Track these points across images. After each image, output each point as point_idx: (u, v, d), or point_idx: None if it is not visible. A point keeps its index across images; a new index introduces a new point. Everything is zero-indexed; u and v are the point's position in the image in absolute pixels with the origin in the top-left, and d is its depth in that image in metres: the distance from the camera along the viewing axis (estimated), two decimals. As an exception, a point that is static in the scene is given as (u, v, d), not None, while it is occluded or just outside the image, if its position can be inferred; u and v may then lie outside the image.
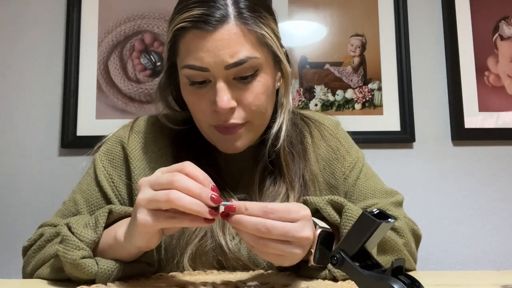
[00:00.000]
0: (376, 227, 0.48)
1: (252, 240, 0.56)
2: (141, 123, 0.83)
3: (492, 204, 1.55)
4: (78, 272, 0.60)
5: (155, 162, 0.79)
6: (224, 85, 0.69)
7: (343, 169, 0.83)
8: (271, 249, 0.55)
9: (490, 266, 1.52)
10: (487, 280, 0.71)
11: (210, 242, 0.71)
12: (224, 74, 0.68)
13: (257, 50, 0.70)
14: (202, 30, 0.67)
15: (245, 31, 0.69)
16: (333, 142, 0.85)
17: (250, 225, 0.54)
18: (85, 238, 0.61)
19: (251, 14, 0.69)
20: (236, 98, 0.70)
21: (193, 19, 0.67)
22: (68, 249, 0.60)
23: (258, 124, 0.75)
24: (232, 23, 0.68)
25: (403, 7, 1.58)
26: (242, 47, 0.68)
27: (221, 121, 0.71)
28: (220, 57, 0.67)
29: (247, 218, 0.54)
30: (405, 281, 0.45)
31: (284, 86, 0.78)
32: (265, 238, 0.55)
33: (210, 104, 0.70)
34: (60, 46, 1.54)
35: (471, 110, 1.56)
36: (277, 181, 0.77)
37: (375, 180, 0.87)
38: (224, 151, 0.76)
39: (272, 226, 0.54)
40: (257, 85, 0.71)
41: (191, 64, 0.69)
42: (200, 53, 0.67)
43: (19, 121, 1.51)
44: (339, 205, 0.65)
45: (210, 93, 0.70)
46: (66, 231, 0.62)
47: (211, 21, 0.67)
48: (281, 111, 0.78)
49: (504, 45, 1.60)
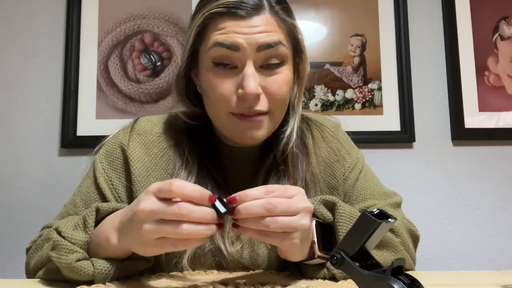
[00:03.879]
0: (376, 227, 0.48)
1: (256, 228, 0.56)
2: (141, 124, 0.82)
3: (492, 204, 1.55)
4: (75, 275, 0.60)
5: (156, 164, 0.78)
6: (253, 70, 0.69)
7: (343, 170, 0.83)
8: (279, 226, 0.56)
9: (490, 266, 1.52)
10: (487, 280, 0.71)
11: (209, 245, 0.71)
12: (254, 57, 0.69)
13: (286, 41, 0.72)
14: (236, 16, 0.68)
15: (278, 21, 0.71)
16: (334, 144, 0.85)
17: (256, 206, 0.55)
18: (77, 240, 0.61)
19: (282, 7, 0.72)
20: (261, 85, 0.70)
21: (228, 5, 0.68)
22: (61, 254, 0.60)
23: (278, 116, 0.75)
24: (266, 14, 0.70)
25: (403, 7, 1.58)
26: (275, 32, 0.70)
27: (245, 108, 0.70)
28: (253, 39, 0.68)
29: (252, 202, 0.56)
30: (405, 281, 0.45)
31: (298, 87, 0.78)
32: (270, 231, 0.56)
33: (234, 89, 0.70)
34: (60, 46, 1.54)
35: (471, 110, 1.56)
36: (281, 182, 0.77)
37: (374, 181, 0.87)
38: (242, 141, 0.74)
39: (277, 201, 0.56)
40: (281, 75, 0.71)
41: (222, 42, 0.68)
42: (232, 34, 0.68)
43: (19, 121, 1.51)
44: (331, 204, 0.67)
45: (235, 78, 0.70)
46: (56, 236, 0.61)
47: (246, 8, 0.68)
48: (293, 112, 0.78)
49: (504, 45, 1.60)
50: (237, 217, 0.56)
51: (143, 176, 0.77)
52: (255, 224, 0.56)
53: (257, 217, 0.55)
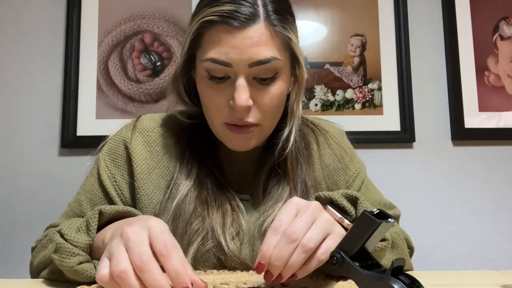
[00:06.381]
0: (376, 227, 0.48)
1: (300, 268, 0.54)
2: (144, 121, 0.83)
3: (492, 204, 1.55)
4: (78, 277, 0.60)
5: (158, 161, 0.79)
6: (245, 82, 0.69)
7: (346, 178, 0.84)
8: (314, 242, 0.54)
9: (490, 266, 1.52)
10: (487, 280, 0.71)
11: (211, 242, 0.71)
12: (246, 72, 0.69)
13: (281, 53, 0.71)
14: (230, 26, 0.67)
15: (273, 33, 0.69)
16: (338, 151, 0.86)
17: (283, 251, 0.52)
18: (79, 243, 0.60)
19: (279, 17, 0.70)
20: (253, 98, 0.70)
21: (222, 14, 0.67)
22: (64, 257, 0.59)
23: (268, 127, 0.76)
24: (261, 24, 0.68)
25: (403, 7, 1.58)
26: (268, 47, 0.68)
27: (236, 118, 0.71)
28: (246, 54, 0.67)
29: (276, 251, 0.53)
30: (405, 281, 0.45)
31: (296, 92, 0.78)
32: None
33: (226, 100, 0.70)
34: (60, 46, 1.54)
35: (471, 110, 1.56)
36: (280, 184, 0.78)
37: (375, 192, 0.88)
38: (233, 148, 0.76)
39: (292, 231, 0.53)
40: (274, 87, 0.71)
41: (215, 58, 0.68)
42: (225, 48, 0.67)
43: (19, 121, 1.51)
44: (353, 198, 0.65)
45: (228, 89, 0.70)
46: (59, 239, 0.61)
47: (241, 18, 0.67)
48: (291, 116, 0.78)
49: (504, 45, 1.60)
50: (280, 277, 0.54)
51: (145, 174, 0.78)
52: (297, 265, 0.53)
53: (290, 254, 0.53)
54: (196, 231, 0.72)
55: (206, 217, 0.73)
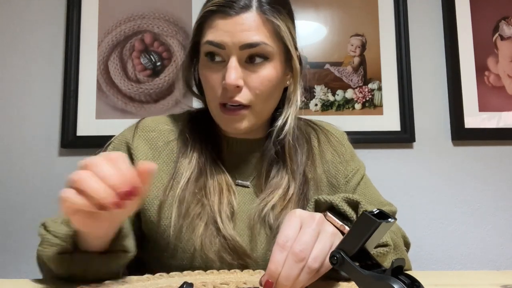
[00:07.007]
0: (376, 227, 0.48)
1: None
2: (146, 122, 0.86)
3: (492, 204, 1.55)
4: (60, 268, 0.62)
5: (159, 153, 0.82)
6: (236, 63, 0.74)
7: (346, 172, 0.87)
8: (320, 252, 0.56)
9: (490, 266, 1.52)
10: (487, 280, 0.71)
11: (212, 226, 0.75)
12: (237, 54, 0.74)
13: (272, 40, 0.76)
14: (225, 14, 0.74)
15: (264, 20, 0.75)
16: (339, 148, 0.89)
17: (291, 270, 0.54)
18: (59, 233, 0.63)
19: (271, 8, 0.76)
20: (244, 79, 0.75)
21: (219, 4, 0.75)
22: (45, 247, 0.62)
23: (260, 110, 0.79)
24: (253, 12, 0.75)
25: (403, 7, 1.58)
26: (258, 32, 0.75)
27: (227, 97, 0.75)
28: (237, 37, 0.74)
29: (285, 269, 0.54)
30: (405, 281, 0.45)
31: (293, 83, 0.82)
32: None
33: (220, 80, 0.76)
34: (60, 46, 1.54)
35: (471, 110, 1.56)
36: (279, 172, 0.82)
37: (373, 190, 0.90)
38: (227, 130, 0.80)
39: (300, 250, 0.55)
40: (265, 71, 0.76)
41: (211, 40, 0.75)
42: (220, 32, 0.75)
43: (19, 121, 1.51)
44: (354, 202, 0.66)
45: (222, 71, 0.76)
46: (42, 230, 0.64)
47: (235, 7, 0.74)
48: (287, 105, 0.82)
49: (504, 45, 1.60)
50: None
51: None
52: (303, 284, 0.55)
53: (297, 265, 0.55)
54: (198, 214, 0.76)
55: (205, 202, 0.77)
